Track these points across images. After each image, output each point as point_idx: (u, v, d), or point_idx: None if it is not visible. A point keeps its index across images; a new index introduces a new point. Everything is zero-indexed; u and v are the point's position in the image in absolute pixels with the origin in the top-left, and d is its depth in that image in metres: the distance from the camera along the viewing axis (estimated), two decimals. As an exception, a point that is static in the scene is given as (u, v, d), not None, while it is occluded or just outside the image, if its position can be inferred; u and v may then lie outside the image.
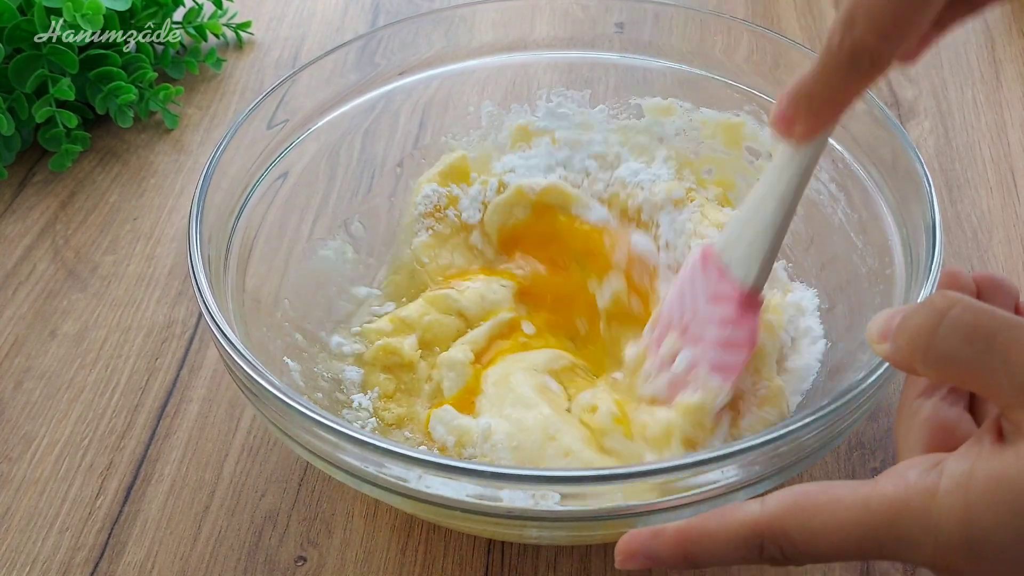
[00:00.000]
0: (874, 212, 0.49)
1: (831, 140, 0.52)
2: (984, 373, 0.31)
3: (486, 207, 0.57)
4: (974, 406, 0.37)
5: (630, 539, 0.34)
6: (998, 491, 0.30)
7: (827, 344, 0.50)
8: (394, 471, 0.37)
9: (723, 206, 0.56)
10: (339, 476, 0.40)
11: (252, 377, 0.39)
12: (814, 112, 0.35)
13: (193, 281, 0.43)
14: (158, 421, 0.53)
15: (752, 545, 0.33)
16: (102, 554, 0.48)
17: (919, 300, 0.40)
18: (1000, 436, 0.31)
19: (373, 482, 0.38)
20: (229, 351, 0.40)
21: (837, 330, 0.50)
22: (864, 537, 0.31)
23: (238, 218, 0.49)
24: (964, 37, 0.77)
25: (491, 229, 0.57)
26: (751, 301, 0.43)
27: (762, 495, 0.34)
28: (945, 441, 0.35)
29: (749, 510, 0.33)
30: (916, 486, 0.31)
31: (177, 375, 0.56)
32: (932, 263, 0.41)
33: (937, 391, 0.37)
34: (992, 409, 0.36)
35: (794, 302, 0.52)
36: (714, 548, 0.33)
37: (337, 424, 0.37)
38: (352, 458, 0.38)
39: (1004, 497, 0.30)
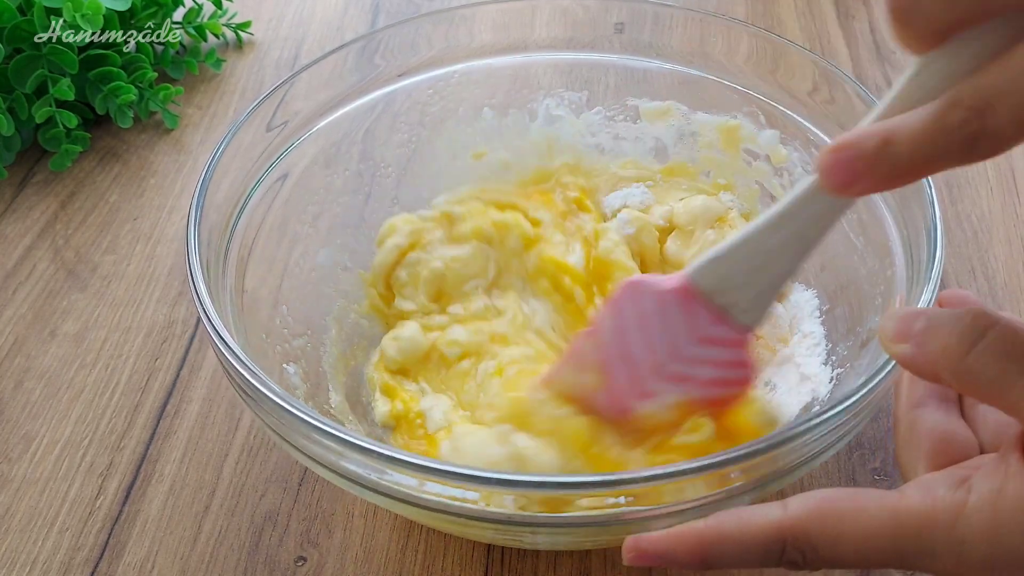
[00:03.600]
0: (874, 213, 0.49)
1: (828, 141, 0.52)
2: (1014, 393, 0.31)
3: None
4: (964, 412, 0.38)
5: (642, 537, 0.34)
6: None
7: (828, 346, 0.50)
8: (394, 477, 0.37)
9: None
10: (339, 482, 0.39)
11: (250, 382, 0.39)
12: (896, 177, 0.30)
13: (191, 287, 0.43)
14: (158, 421, 0.53)
15: (774, 548, 0.33)
16: (102, 554, 0.48)
17: (922, 302, 0.40)
18: None
19: (373, 488, 0.38)
20: (227, 355, 0.40)
21: (838, 331, 0.50)
22: (888, 547, 0.32)
23: (237, 220, 0.49)
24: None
25: None
26: (749, 340, 0.42)
27: (759, 500, 0.34)
28: (947, 451, 0.36)
29: (771, 513, 0.33)
30: (944, 500, 0.32)
31: (177, 375, 0.56)
32: (933, 265, 0.41)
33: (931, 400, 0.37)
34: (986, 418, 0.37)
35: (794, 304, 0.52)
36: (734, 550, 0.33)
37: (335, 430, 0.37)
38: (351, 464, 0.38)
39: None
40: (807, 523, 0.33)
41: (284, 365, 0.48)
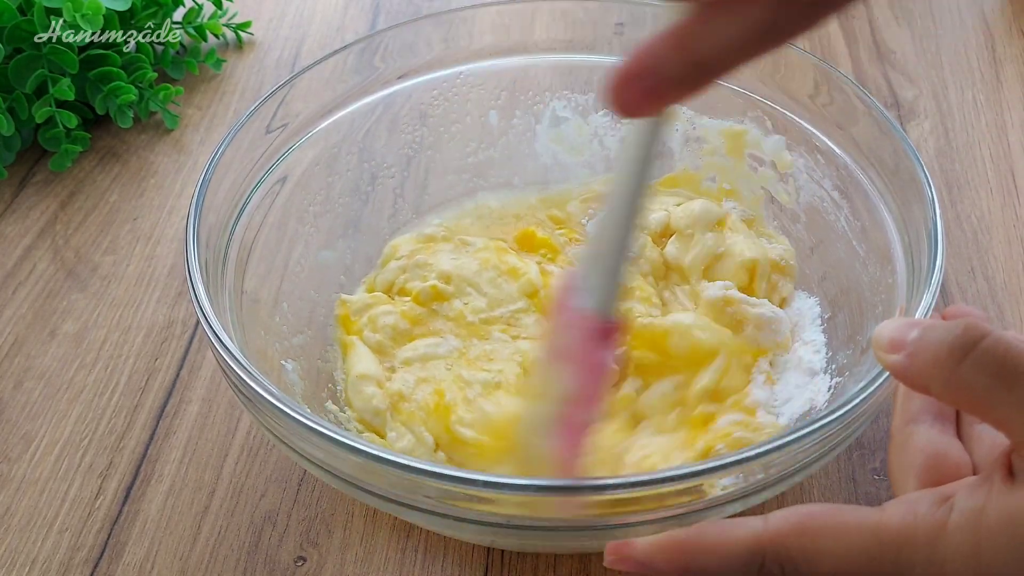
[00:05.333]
0: (876, 219, 0.49)
1: (832, 146, 0.52)
2: (1003, 408, 0.31)
3: None
4: (961, 431, 0.38)
5: (625, 543, 0.34)
6: (1009, 530, 0.30)
7: (828, 354, 0.50)
8: (391, 480, 0.37)
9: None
10: (336, 484, 0.39)
11: (247, 383, 0.39)
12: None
13: (190, 287, 0.43)
14: (158, 421, 0.53)
15: (753, 562, 0.33)
16: (102, 554, 0.48)
17: (921, 309, 0.40)
18: (1010, 473, 0.32)
19: (370, 491, 0.38)
20: (224, 356, 0.40)
21: (838, 339, 0.50)
22: (868, 564, 0.32)
23: (236, 222, 0.49)
24: (964, 37, 0.77)
25: None
26: (607, 329, 0.37)
27: (762, 505, 0.34)
28: (938, 467, 0.36)
29: (752, 526, 0.33)
30: (925, 518, 0.32)
31: (177, 375, 0.56)
32: (934, 271, 0.41)
33: (927, 416, 0.37)
34: (982, 437, 0.37)
35: (796, 311, 0.52)
36: (713, 561, 0.33)
37: (332, 432, 0.37)
38: (347, 466, 0.38)
39: (1016, 536, 0.30)
40: (787, 537, 0.33)
41: (282, 362, 0.48)
